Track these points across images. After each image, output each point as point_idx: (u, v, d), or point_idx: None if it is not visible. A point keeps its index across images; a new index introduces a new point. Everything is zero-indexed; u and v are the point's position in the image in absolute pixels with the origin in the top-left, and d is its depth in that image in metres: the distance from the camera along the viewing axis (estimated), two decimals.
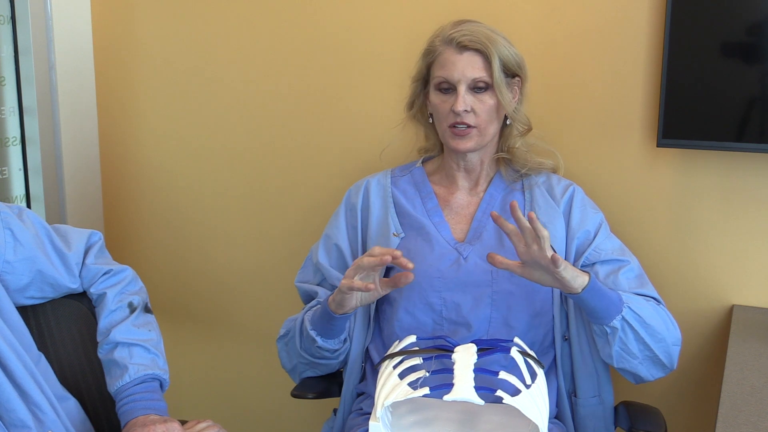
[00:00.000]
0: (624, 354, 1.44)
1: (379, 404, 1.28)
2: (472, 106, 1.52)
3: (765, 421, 1.26)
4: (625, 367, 1.47)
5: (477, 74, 1.51)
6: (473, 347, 1.33)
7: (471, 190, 1.62)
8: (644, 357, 1.45)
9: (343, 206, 1.68)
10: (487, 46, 1.50)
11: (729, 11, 1.61)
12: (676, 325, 1.50)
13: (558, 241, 1.53)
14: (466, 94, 1.51)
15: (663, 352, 1.45)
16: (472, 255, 1.54)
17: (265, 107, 2.08)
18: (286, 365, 1.65)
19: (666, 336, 1.45)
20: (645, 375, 1.48)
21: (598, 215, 1.59)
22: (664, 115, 1.68)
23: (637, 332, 1.41)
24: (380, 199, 1.64)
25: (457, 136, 1.54)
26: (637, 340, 1.42)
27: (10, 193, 2.06)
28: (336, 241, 1.64)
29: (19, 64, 2.03)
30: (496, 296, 1.51)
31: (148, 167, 2.24)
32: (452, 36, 1.52)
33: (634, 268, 1.54)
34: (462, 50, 1.51)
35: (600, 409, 1.55)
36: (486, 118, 1.53)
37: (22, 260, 1.37)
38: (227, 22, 2.07)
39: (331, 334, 1.51)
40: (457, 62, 1.51)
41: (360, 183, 1.68)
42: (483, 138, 1.55)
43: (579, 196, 1.60)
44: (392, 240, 1.58)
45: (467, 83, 1.51)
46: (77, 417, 1.40)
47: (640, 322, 1.41)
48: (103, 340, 1.41)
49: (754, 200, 1.73)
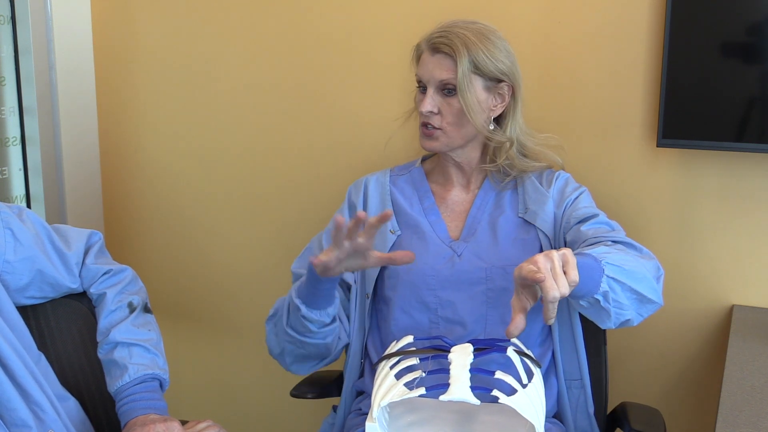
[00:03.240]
0: (618, 311, 1.33)
1: (376, 405, 1.28)
2: (439, 108, 1.53)
3: (765, 421, 1.26)
4: (619, 320, 1.37)
5: (444, 76, 1.51)
6: (470, 347, 1.33)
7: (465, 188, 1.63)
8: (632, 301, 1.35)
9: (346, 203, 1.69)
10: (457, 48, 1.49)
11: (729, 11, 1.61)
12: (652, 255, 1.43)
13: (547, 224, 1.54)
14: (434, 95, 1.53)
15: (649, 289, 1.36)
16: (467, 252, 1.54)
17: (264, 107, 2.08)
18: (274, 349, 1.58)
19: (646, 273, 1.36)
20: (635, 318, 1.38)
21: (580, 188, 1.59)
22: (664, 115, 1.69)
23: (623, 283, 1.31)
24: (378, 196, 1.65)
25: (425, 135, 1.57)
26: (624, 290, 1.32)
27: (10, 193, 2.06)
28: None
29: (19, 64, 2.03)
30: (491, 294, 1.51)
31: (148, 167, 2.24)
32: (431, 37, 1.54)
33: (602, 221, 1.50)
34: (434, 52, 1.53)
35: (582, 397, 1.55)
36: (452, 120, 1.53)
37: (22, 260, 1.37)
38: (227, 22, 2.07)
39: (317, 304, 1.45)
40: (428, 63, 1.53)
41: (360, 181, 1.69)
42: (451, 140, 1.56)
43: (565, 176, 1.62)
44: (389, 237, 1.58)
45: (435, 84, 1.53)
46: (77, 417, 1.40)
47: (621, 271, 1.31)
48: (102, 340, 1.41)
49: (754, 200, 1.73)
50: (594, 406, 1.56)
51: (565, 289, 1.15)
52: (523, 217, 1.56)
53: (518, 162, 1.59)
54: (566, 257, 1.17)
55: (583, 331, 1.56)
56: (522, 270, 1.15)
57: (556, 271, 1.15)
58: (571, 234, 1.50)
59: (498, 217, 1.57)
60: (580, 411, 1.55)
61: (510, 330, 1.17)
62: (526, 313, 1.19)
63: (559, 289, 1.14)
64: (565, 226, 1.53)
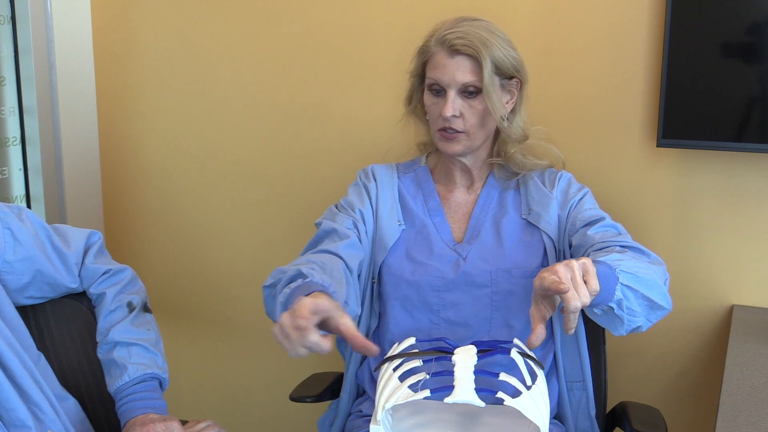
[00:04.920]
0: (630, 317, 1.33)
1: (380, 407, 1.27)
2: (461, 111, 1.50)
3: (765, 421, 1.26)
4: (631, 327, 1.36)
5: (467, 79, 1.48)
6: (473, 349, 1.32)
7: (468, 188, 1.62)
8: (643, 308, 1.34)
9: (355, 186, 1.64)
10: (479, 50, 1.47)
11: (729, 11, 1.61)
12: (660, 260, 1.43)
13: (551, 226, 1.53)
14: (455, 98, 1.50)
15: (660, 295, 1.35)
16: (471, 255, 1.54)
17: (264, 109, 2.08)
18: (270, 314, 1.47)
19: (657, 280, 1.36)
20: (645, 324, 1.37)
21: (583, 189, 1.58)
22: (663, 115, 1.68)
23: (636, 290, 1.31)
24: (389, 187, 1.63)
25: (446, 139, 1.53)
26: (636, 297, 1.31)
27: (10, 193, 2.06)
28: (359, 207, 1.59)
29: (19, 64, 2.02)
30: (495, 297, 1.51)
31: (148, 167, 2.24)
32: (446, 37, 1.49)
33: (608, 224, 1.49)
34: (453, 54, 1.48)
35: (584, 399, 1.55)
36: (475, 122, 1.52)
37: (21, 260, 1.37)
38: (227, 23, 2.07)
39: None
40: (448, 66, 1.49)
41: (366, 168, 1.67)
42: (473, 142, 1.54)
43: (567, 176, 1.61)
44: (397, 228, 1.58)
45: (457, 87, 1.49)
46: (77, 417, 1.40)
47: (635, 279, 1.31)
48: (102, 340, 1.41)
49: (753, 200, 1.73)
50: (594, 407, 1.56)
51: (586, 299, 1.14)
52: (526, 218, 1.56)
53: (521, 159, 1.58)
54: (586, 266, 1.17)
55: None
56: (544, 281, 1.14)
57: (576, 280, 1.15)
58: (577, 237, 1.49)
59: (501, 219, 1.56)
60: (582, 412, 1.55)
61: (532, 341, 1.17)
62: (545, 322, 1.19)
63: (581, 298, 1.14)
64: (570, 228, 1.52)
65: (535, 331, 1.17)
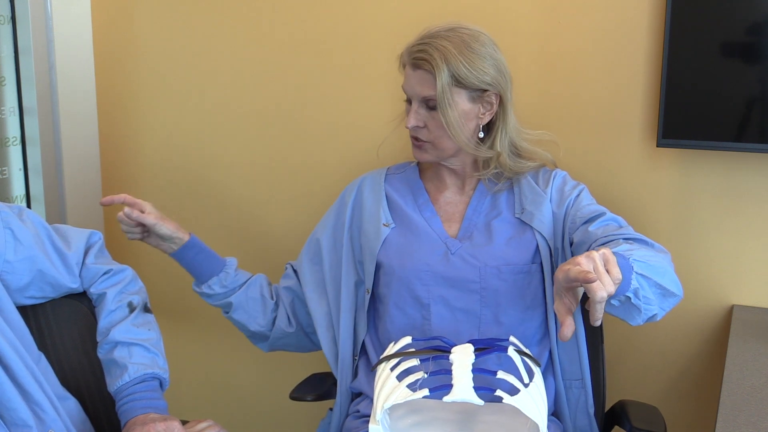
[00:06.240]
0: (646, 306, 1.31)
1: (379, 407, 1.28)
2: (425, 122, 1.53)
3: (765, 421, 1.26)
4: (647, 316, 1.35)
5: (426, 93, 1.51)
6: (470, 347, 1.33)
7: (459, 189, 1.63)
8: (657, 296, 1.33)
9: (336, 204, 1.71)
10: (435, 63, 1.47)
11: (729, 11, 1.62)
12: (664, 249, 1.44)
13: (545, 225, 1.53)
14: (419, 109, 1.53)
15: (671, 282, 1.35)
16: (460, 251, 1.54)
17: (263, 109, 2.08)
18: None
19: (668, 267, 1.36)
20: (659, 313, 1.36)
21: (579, 186, 1.59)
22: (663, 115, 1.69)
23: (649, 278, 1.30)
24: (373, 194, 1.66)
25: (416, 147, 1.58)
26: (650, 285, 1.31)
27: (10, 193, 2.06)
28: (318, 236, 1.69)
29: (19, 64, 2.02)
30: (484, 293, 1.51)
31: (148, 167, 2.24)
32: (410, 50, 1.53)
33: (609, 218, 1.49)
34: (414, 67, 1.52)
35: (583, 397, 1.55)
36: (439, 134, 1.53)
37: (22, 260, 1.37)
38: (226, 23, 2.07)
39: (199, 277, 1.68)
40: (410, 78, 1.53)
41: (356, 181, 1.71)
42: (440, 152, 1.56)
43: (562, 174, 1.61)
44: (383, 230, 1.59)
45: (419, 99, 1.52)
46: (78, 416, 1.40)
47: (647, 267, 1.30)
48: (102, 340, 1.41)
49: (753, 200, 1.73)
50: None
51: (611, 288, 1.14)
52: (519, 217, 1.56)
53: (512, 165, 1.58)
54: (607, 256, 1.17)
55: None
56: (570, 272, 1.14)
57: (599, 270, 1.15)
58: (578, 235, 1.49)
59: (494, 219, 1.57)
60: (580, 410, 1.55)
61: (565, 333, 1.17)
62: (572, 315, 1.20)
63: (606, 288, 1.13)
64: (570, 226, 1.52)
65: (565, 323, 1.18)
